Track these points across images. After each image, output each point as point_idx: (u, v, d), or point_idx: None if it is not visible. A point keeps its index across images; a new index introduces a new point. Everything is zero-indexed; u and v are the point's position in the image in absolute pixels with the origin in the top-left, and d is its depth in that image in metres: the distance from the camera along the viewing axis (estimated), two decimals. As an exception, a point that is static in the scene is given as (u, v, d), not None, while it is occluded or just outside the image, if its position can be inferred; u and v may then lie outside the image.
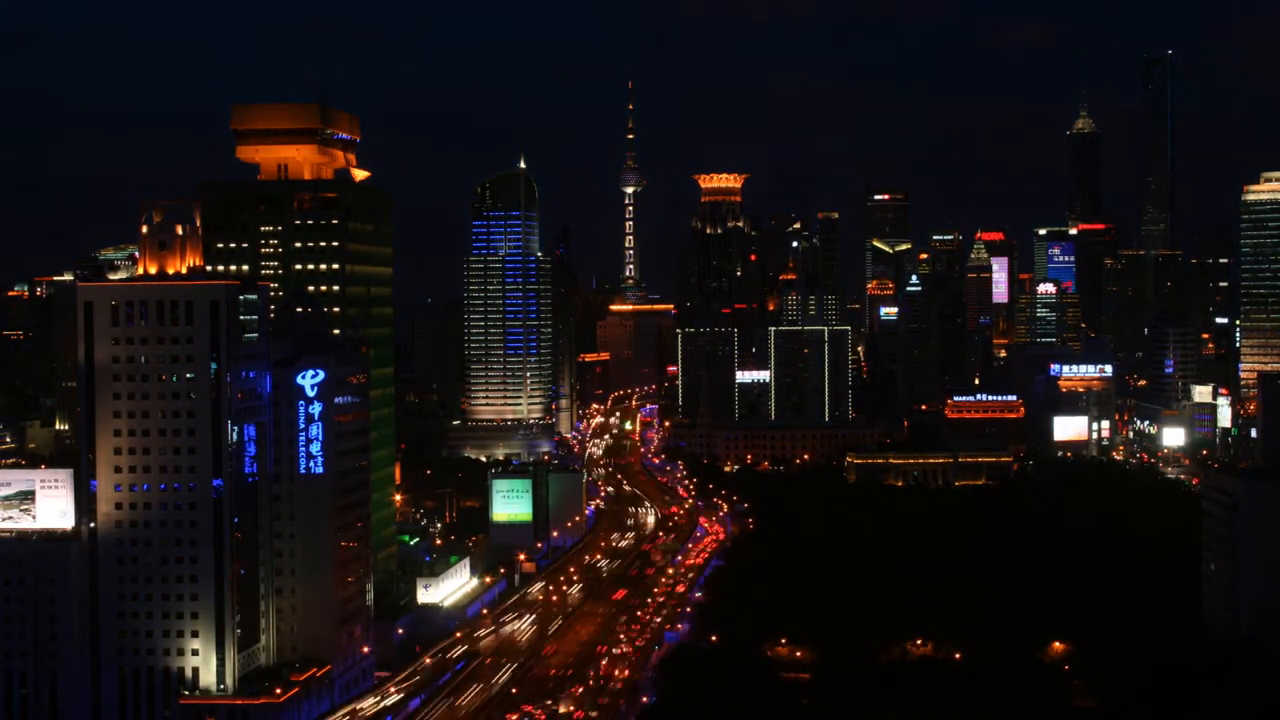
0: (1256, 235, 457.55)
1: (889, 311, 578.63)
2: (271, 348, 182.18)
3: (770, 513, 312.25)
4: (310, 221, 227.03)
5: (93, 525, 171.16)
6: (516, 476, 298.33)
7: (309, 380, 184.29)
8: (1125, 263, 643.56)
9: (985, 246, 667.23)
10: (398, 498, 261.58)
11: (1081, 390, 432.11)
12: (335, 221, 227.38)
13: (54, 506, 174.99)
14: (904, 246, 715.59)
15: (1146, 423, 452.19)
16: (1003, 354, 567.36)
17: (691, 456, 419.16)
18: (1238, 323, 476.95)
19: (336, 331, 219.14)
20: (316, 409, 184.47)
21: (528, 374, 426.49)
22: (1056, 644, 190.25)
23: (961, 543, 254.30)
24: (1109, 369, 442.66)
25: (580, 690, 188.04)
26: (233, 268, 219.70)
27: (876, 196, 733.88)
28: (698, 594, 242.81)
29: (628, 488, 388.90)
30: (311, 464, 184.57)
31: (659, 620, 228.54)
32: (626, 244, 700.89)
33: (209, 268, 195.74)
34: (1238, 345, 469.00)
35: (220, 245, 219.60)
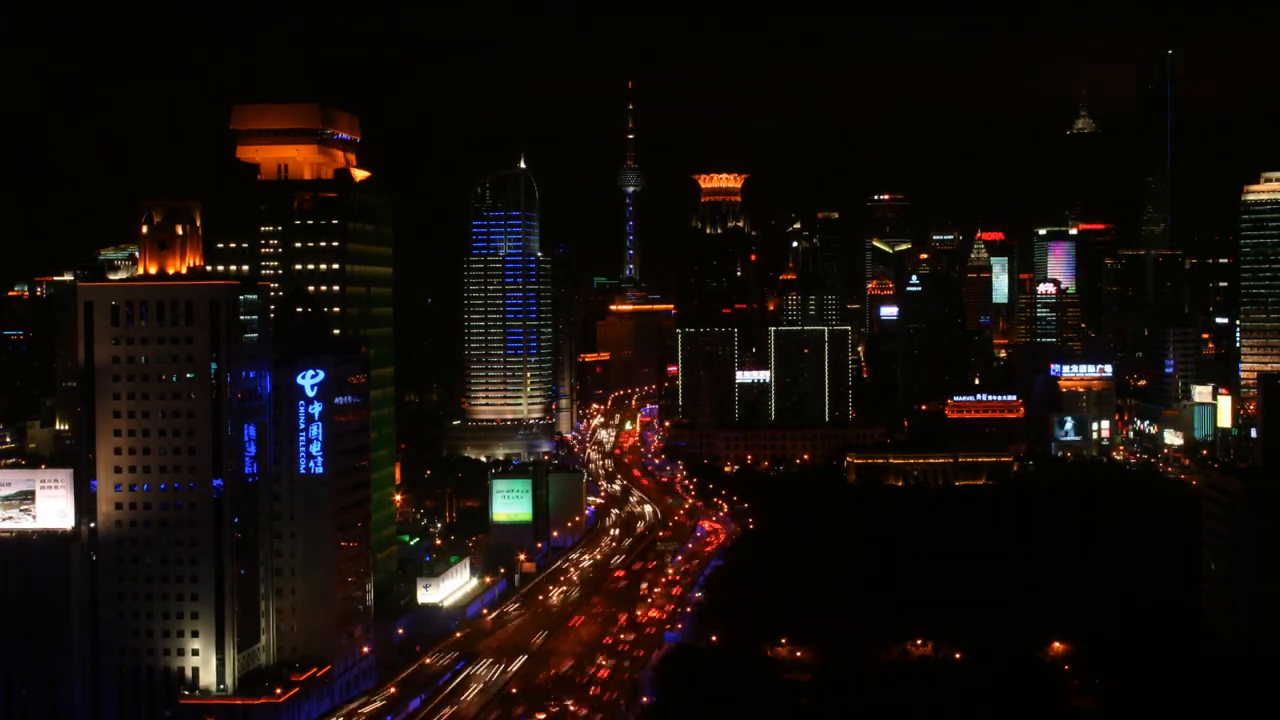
0: (1256, 235, 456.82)
1: (889, 311, 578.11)
2: (271, 348, 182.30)
3: (770, 513, 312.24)
4: (310, 221, 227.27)
5: (93, 525, 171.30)
6: (516, 476, 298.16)
7: (309, 380, 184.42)
8: (1125, 263, 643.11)
9: (985, 246, 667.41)
10: (398, 498, 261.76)
11: (1081, 390, 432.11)
12: (335, 221, 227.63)
13: (54, 506, 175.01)
14: (904, 246, 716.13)
15: (1146, 423, 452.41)
16: (1003, 354, 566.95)
17: (691, 457, 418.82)
18: (1238, 323, 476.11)
19: (336, 331, 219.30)
20: (316, 409, 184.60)
21: (528, 374, 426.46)
22: (1056, 644, 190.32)
23: (961, 543, 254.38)
24: (1109, 369, 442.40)
25: (580, 691, 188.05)
26: (233, 268, 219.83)
27: (876, 196, 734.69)
28: (698, 594, 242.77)
29: (628, 488, 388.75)
30: (311, 464, 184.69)
31: (659, 620, 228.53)
32: (626, 244, 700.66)
33: (209, 268, 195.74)
34: (1238, 345, 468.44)
35: (220, 245, 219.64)
